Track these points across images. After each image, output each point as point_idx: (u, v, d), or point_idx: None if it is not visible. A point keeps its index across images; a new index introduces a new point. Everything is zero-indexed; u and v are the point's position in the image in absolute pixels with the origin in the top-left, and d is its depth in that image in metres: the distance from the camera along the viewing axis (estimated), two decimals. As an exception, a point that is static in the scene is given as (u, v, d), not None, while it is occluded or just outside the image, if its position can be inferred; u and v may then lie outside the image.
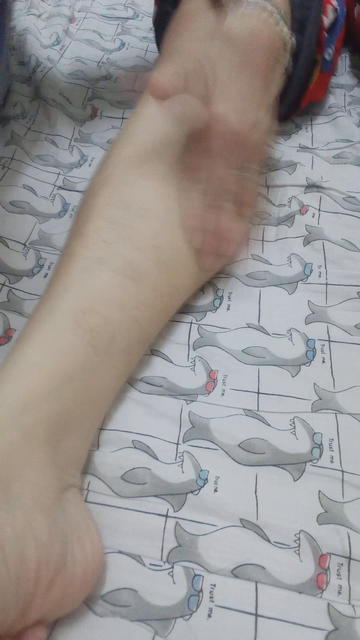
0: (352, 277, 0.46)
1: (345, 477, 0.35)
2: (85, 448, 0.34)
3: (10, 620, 0.25)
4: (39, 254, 0.49)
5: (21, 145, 0.58)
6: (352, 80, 0.68)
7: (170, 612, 0.30)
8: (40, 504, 0.28)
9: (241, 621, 0.30)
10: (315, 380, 0.40)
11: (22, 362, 0.32)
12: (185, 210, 0.40)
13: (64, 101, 0.65)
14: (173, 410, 0.38)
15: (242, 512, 0.33)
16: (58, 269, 0.38)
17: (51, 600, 0.27)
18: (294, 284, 0.46)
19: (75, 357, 0.33)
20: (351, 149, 0.57)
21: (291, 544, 0.32)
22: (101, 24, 0.80)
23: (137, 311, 0.36)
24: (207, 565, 0.31)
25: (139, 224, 0.38)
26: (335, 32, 0.58)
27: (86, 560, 0.29)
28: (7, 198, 0.53)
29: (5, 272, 0.47)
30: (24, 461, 0.28)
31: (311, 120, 0.62)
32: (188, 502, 0.34)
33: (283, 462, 0.36)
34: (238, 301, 0.45)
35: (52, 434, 0.30)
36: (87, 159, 0.59)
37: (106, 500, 0.34)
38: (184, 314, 0.44)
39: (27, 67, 0.69)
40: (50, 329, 0.33)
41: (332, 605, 0.30)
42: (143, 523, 0.33)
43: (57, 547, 0.27)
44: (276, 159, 0.56)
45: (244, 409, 0.38)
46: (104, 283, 0.36)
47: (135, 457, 0.35)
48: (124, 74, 0.71)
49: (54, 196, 0.55)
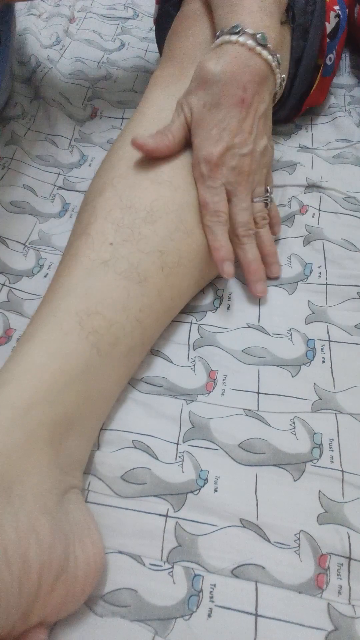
0: (352, 277, 0.46)
1: (345, 477, 0.35)
2: (87, 449, 0.34)
3: (13, 623, 0.25)
4: (39, 254, 0.49)
5: (21, 145, 0.58)
6: (352, 80, 0.68)
7: (170, 612, 0.30)
8: (42, 506, 0.28)
9: (241, 621, 0.30)
10: (315, 380, 0.40)
11: (25, 363, 0.32)
12: (211, 244, 0.41)
13: (64, 101, 0.65)
14: (173, 410, 0.38)
15: (242, 512, 0.33)
16: (62, 269, 0.38)
17: (53, 603, 0.27)
18: (294, 284, 0.46)
19: (79, 359, 0.33)
20: (351, 149, 0.57)
21: (291, 544, 0.32)
22: (101, 24, 0.80)
23: (140, 314, 0.36)
24: (207, 565, 0.31)
25: (146, 228, 0.38)
26: (337, 37, 0.58)
27: (88, 562, 0.29)
28: (7, 198, 0.53)
29: (5, 272, 0.47)
30: (27, 463, 0.28)
31: (311, 121, 0.62)
32: (188, 502, 0.34)
33: (283, 462, 0.36)
34: (238, 301, 0.45)
35: (55, 435, 0.30)
36: (87, 159, 0.59)
37: (106, 500, 0.34)
38: (184, 314, 0.44)
39: (27, 67, 0.69)
40: (54, 330, 0.33)
41: (332, 605, 0.30)
42: (143, 523, 0.33)
43: (60, 550, 0.27)
44: (276, 159, 0.56)
45: (244, 409, 0.38)
46: (108, 285, 0.36)
47: (135, 457, 0.35)
48: (124, 74, 0.71)
49: (54, 196, 0.55)
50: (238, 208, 0.42)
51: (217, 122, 0.40)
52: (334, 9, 0.56)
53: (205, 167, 0.41)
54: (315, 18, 0.52)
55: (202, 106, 0.41)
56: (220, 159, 0.40)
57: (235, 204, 0.42)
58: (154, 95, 0.46)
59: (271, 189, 0.45)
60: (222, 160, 0.40)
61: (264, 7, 0.42)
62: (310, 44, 0.52)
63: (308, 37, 0.52)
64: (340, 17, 0.57)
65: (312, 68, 0.55)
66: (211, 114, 0.40)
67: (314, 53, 0.54)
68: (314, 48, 0.53)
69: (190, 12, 0.50)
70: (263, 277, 0.44)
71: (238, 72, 0.40)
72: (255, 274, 0.44)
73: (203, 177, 0.41)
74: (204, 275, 0.43)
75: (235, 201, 0.42)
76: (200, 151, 0.41)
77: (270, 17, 0.42)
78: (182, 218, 0.40)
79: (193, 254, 0.40)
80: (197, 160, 0.41)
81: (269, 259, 0.45)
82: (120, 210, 0.38)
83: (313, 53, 0.53)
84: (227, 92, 0.40)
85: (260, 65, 0.40)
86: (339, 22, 0.57)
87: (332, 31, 0.56)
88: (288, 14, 0.49)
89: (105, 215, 0.38)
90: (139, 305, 0.36)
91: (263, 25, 0.41)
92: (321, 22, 0.53)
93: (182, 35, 0.49)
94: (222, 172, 0.41)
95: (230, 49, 0.40)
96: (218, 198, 0.41)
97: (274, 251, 0.46)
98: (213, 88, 0.40)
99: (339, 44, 0.59)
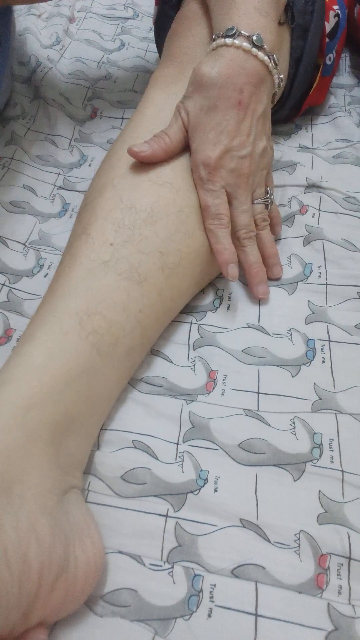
0: (352, 277, 0.46)
1: (345, 477, 0.35)
2: (87, 449, 0.34)
3: (13, 623, 0.25)
4: (39, 254, 0.49)
5: (21, 145, 0.58)
6: (352, 80, 0.68)
7: (170, 612, 0.30)
8: (42, 506, 0.28)
9: (241, 621, 0.30)
10: (315, 380, 0.40)
11: (26, 363, 0.32)
12: (214, 247, 0.41)
13: (64, 101, 0.65)
14: (173, 410, 0.38)
15: (242, 512, 0.33)
16: (62, 270, 0.38)
17: (53, 603, 0.27)
18: (294, 284, 0.46)
19: (80, 359, 0.33)
20: (351, 149, 0.57)
21: (291, 544, 0.32)
22: (101, 24, 0.80)
23: (140, 315, 0.36)
24: (207, 565, 0.31)
25: (146, 229, 0.38)
26: (337, 37, 0.58)
27: (88, 562, 0.29)
28: (7, 198, 0.53)
29: (5, 272, 0.47)
30: (27, 463, 0.29)
31: (311, 120, 0.62)
32: (188, 502, 0.34)
33: (283, 462, 0.36)
34: (238, 301, 0.45)
35: (55, 435, 0.30)
36: (87, 159, 0.59)
37: (106, 500, 0.34)
38: (184, 314, 0.44)
39: (27, 67, 0.69)
40: (55, 330, 0.33)
41: (332, 605, 0.30)
42: (143, 523, 0.33)
43: (60, 550, 0.27)
44: (276, 159, 0.56)
45: (244, 409, 0.38)
46: (109, 286, 0.36)
47: (135, 457, 0.35)
48: (124, 74, 0.71)
49: (54, 196, 0.55)
50: (239, 210, 0.42)
51: (215, 125, 0.40)
52: (334, 8, 0.56)
53: (203, 170, 0.41)
54: (315, 18, 0.52)
55: (199, 110, 0.41)
56: (219, 162, 0.40)
57: (236, 206, 0.42)
58: (154, 95, 0.46)
59: (271, 190, 0.45)
60: (220, 163, 0.40)
61: (260, 8, 0.42)
62: (310, 44, 0.52)
63: (308, 37, 0.52)
64: (340, 16, 0.57)
65: (311, 68, 0.55)
66: (208, 117, 0.40)
67: (313, 53, 0.54)
68: (314, 48, 0.53)
69: (190, 13, 0.50)
70: (264, 279, 0.44)
71: (234, 75, 0.40)
72: (256, 277, 0.44)
73: (202, 181, 0.41)
74: (204, 276, 0.43)
75: (235, 204, 0.42)
76: (198, 155, 0.41)
77: (267, 18, 0.42)
78: (182, 219, 0.40)
79: (193, 255, 0.40)
80: (196, 163, 0.41)
81: (270, 260, 0.45)
82: (121, 210, 0.38)
83: (313, 53, 0.53)
84: (224, 95, 0.40)
85: (257, 67, 0.40)
86: (338, 21, 0.57)
87: (332, 31, 0.56)
88: (287, 14, 0.49)
89: (106, 215, 0.38)
90: (139, 305, 0.36)
91: (259, 26, 0.41)
92: (320, 21, 0.53)
93: (181, 36, 0.49)
94: (221, 174, 0.41)
95: (226, 52, 0.40)
96: (219, 201, 0.41)
97: (276, 252, 0.46)
98: (209, 91, 0.40)
99: (338, 43, 0.59)
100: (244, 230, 0.42)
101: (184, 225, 0.40)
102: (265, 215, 0.44)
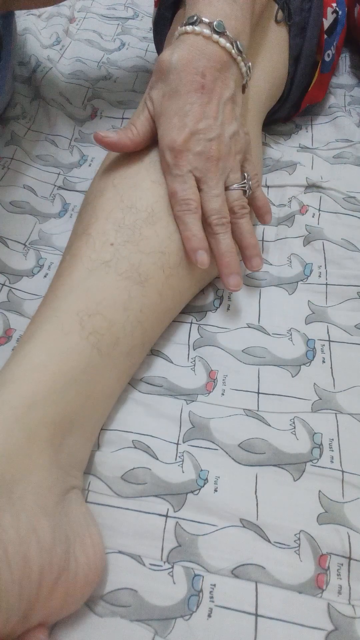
0: (352, 277, 0.46)
1: (345, 477, 0.35)
2: (88, 449, 0.34)
3: (13, 623, 0.25)
4: (39, 254, 0.49)
5: (21, 145, 0.58)
6: (352, 80, 0.68)
7: (170, 612, 0.30)
8: (43, 506, 0.28)
9: (241, 621, 0.30)
10: (315, 380, 0.40)
11: (26, 363, 0.32)
12: (182, 233, 0.39)
13: (64, 101, 0.65)
14: (173, 410, 0.38)
15: (242, 512, 0.33)
16: (62, 269, 0.38)
17: (53, 603, 0.27)
18: (294, 284, 0.46)
19: (80, 359, 0.33)
20: (351, 149, 0.57)
21: (291, 544, 0.32)
22: (101, 24, 0.80)
23: (141, 315, 0.36)
24: (207, 565, 0.31)
25: (147, 229, 0.38)
26: (336, 34, 0.58)
27: (88, 562, 0.29)
28: (7, 198, 0.53)
29: (5, 272, 0.47)
30: (28, 463, 0.28)
31: (311, 120, 0.62)
32: (188, 502, 0.34)
33: (283, 462, 0.36)
34: (238, 301, 0.45)
35: (56, 435, 0.30)
36: (87, 159, 0.59)
37: (106, 500, 0.34)
38: (184, 314, 0.44)
39: (27, 67, 0.69)
40: (55, 330, 0.33)
41: (332, 605, 0.30)
42: (143, 523, 0.33)
43: (60, 550, 0.27)
44: (276, 159, 0.56)
45: (244, 409, 0.38)
46: (109, 286, 0.36)
47: (135, 457, 0.35)
48: (124, 74, 0.71)
49: (54, 196, 0.55)
50: (209, 195, 0.40)
51: (177, 110, 0.39)
52: (332, 5, 0.56)
53: (169, 155, 0.39)
54: (312, 15, 0.51)
55: (162, 96, 0.40)
56: (184, 145, 0.39)
57: (206, 191, 0.40)
58: None
59: (250, 177, 0.43)
60: (186, 147, 0.39)
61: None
62: (308, 41, 0.52)
63: (306, 35, 0.52)
64: (339, 13, 0.57)
65: (310, 64, 0.55)
66: (171, 102, 0.39)
67: (312, 49, 0.53)
68: (312, 44, 0.53)
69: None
70: (237, 270, 0.41)
71: (194, 59, 0.39)
72: (228, 267, 0.40)
73: (169, 167, 0.39)
74: (204, 276, 0.43)
75: (205, 188, 0.40)
76: (163, 140, 0.40)
77: (232, 5, 0.41)
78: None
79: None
80: (162, 149, 0.40)
81: (248, 251, 0.42)
82: (122, 210, 0.38)
83: (311, 49, 0.53)
84: (185, 80, 0.39)
85: (218, 52, 0.39)
86: (337, 18, 0.57)
87: (330, 27, 0.56)
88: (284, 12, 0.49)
89: (106, 215, 0.38)
90: (139, 305, 0.36)
91: (222, 13, 0.40)
92: (318, 18, 0.53)
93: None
94: (187, 158, 0.39)
95: (187, 39, 0.40)
96: (186, 186, 0.39)
97: (254, 243, 0.43)
98: (170, 77, 0.39)
99: (338, 41, 0.59)
100: (216, 216, 0.40)
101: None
102: (243, 202, 0.42)
